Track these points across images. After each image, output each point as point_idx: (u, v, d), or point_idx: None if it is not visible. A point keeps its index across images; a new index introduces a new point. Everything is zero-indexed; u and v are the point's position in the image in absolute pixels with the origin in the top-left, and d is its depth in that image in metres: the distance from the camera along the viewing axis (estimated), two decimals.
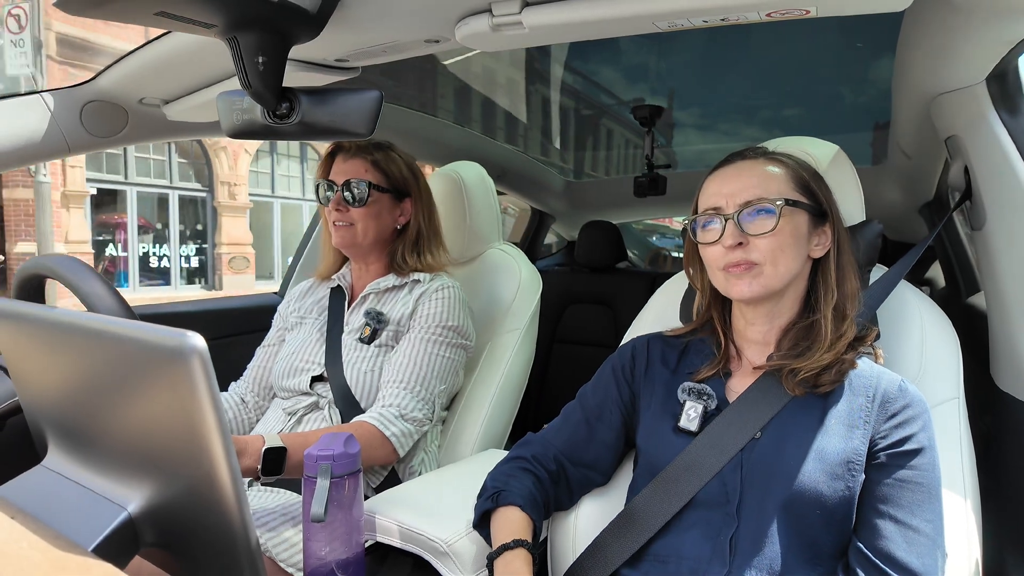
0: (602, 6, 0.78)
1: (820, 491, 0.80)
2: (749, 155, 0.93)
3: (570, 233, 3.35)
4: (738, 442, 0.86)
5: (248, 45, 0.79)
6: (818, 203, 0.90)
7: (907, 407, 0.84)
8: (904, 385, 0.87)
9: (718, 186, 0.91)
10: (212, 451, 0.52)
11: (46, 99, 1.27)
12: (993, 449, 1.09)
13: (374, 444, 1.13)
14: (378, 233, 1.32)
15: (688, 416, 0.90)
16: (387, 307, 1.31)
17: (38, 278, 1.09)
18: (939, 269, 2.33)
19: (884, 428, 0.83)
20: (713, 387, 0.92)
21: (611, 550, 0.89)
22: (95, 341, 0.60)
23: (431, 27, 0.93)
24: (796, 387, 0.86)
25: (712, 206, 0.90)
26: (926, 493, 0.80)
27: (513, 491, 0.93)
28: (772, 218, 0.86)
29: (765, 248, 0.86)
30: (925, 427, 0.84)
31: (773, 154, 0.93)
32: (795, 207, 0.87)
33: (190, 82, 1.24)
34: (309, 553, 0.82)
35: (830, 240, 0.90)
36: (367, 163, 1.30)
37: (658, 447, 0.91)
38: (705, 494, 0.85)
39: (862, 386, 0.86)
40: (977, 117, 1.03)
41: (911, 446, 0.82)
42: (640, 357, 1.01)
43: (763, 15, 0.78)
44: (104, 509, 0.59)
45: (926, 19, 0.96)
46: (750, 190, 0.87)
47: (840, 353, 0.86)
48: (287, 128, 0.91)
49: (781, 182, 0.89)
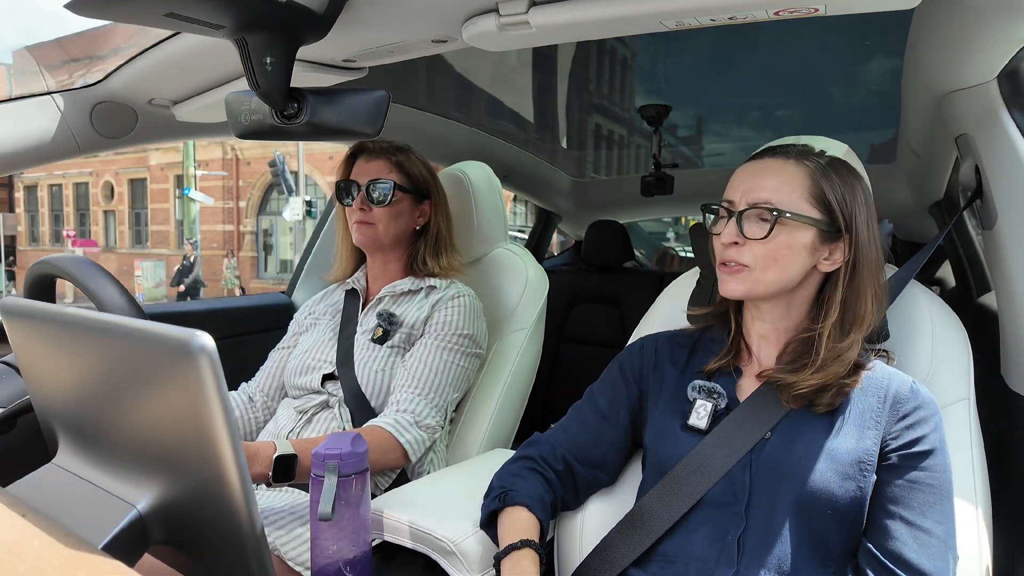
0: (609, 5, 0.78)
1: (831, 491, 0.80)
2: (780, 152, 0.90)
3: (577, 233, 3.34)
4: (748, 442, 0.85)
5: (256, 46, 0.80)
6: (833, 219, 0.86)
7: (918, 408, 0.83)
8: (916, 386, 0.86)
9: (740, 179, 0.89)
10: (220, 449, 0.52)
11: (57, 100, 1.28)
12: (1004, 450, 1.08)
13: (387, 449, 1.14)
14: (398, 233, 1.34)
15: (698, 414, 0.89)
16: (401, 310, 1.32)
17: (48, 277, 1.10)
18: (949, 269, 2.31)
19: (895, 429, 0.83)
20: (724, 385, 0.91)
21: (618, 550, 0.89)
22: (105, 340, 0.60)
23: (438, 27, 0.93)
24: (792, 401, 0.85)
25: (728, 198, 0.89)
26: (937, 495, 0.80)
27: (520, 491, 0.93)
28: (766, 226, 0.84)
29: (758, 253, 0.85)
30: (936, 428, 0.83)
31: (808, 154, 0.89)
32: (796, 220, 0.84)
33: (199, 83, 1.24)
34: (317, 551, 0.82)
35: (843, 256, 0.87)
36: (390, 164, 1.32)
37: (667, 445, 0.91)
38: (713, 494, 0.85)
39: (873, 387, 0.86)
40: (988, 115, 1.02)
41: (923, 447, 0.81)
42: (648, 356, 1.00)
43: (771, 13, 0.78)
44: (114, 507, 0.60)
45: (937, 17, 0.95)
46: (760, 191, 0.86)
47: (839, 376, 0.83)
48: (295, 128, 0.91)
49: (795, 190, 0.85)
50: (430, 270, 1.35)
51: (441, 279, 1.35)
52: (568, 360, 2.69)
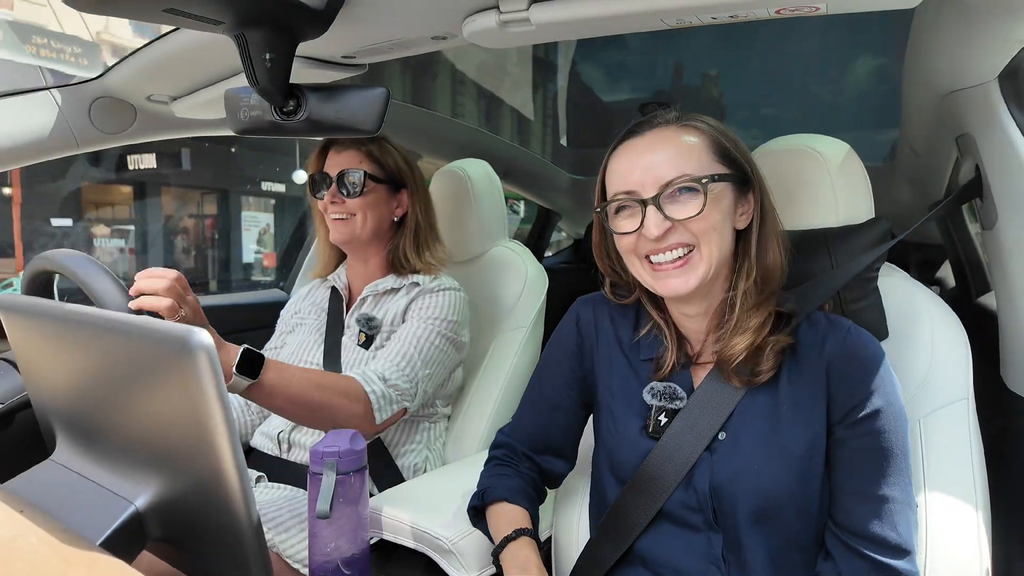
0: (610, 3, 0.78)
1: (794, 497, 0.77)
2: (659, 122, 0.82)
3: (576, 231, 3.34)
4: (701, 440, 0.81)
5: (255, 42, 0.80)
6: (741, 171, 0.81)
7: (856, 367, 0.78)
8: (850, 339, 0.80)
9: (630, 163, 0.80)
10: (218, 446, 0.52)
11: (55, 95, 1.28)
12: (1003, 450, 1.08)
13: (351, 395, 1.07)
14: (376, 225, 1.30)
15: (659, 423, 0.84)
16: (382, 310, 1.30)
17: (47, 274, 1.10)
18: (949, 269, 2.31)
19: (837, 396, 0.78)
20: (680, 381, 0.86)
21: (603, 549, 0.89)
22: (103, 337, 0.60)
23: (438, 24, 0.93)
24: (735, 379, 0.80)
25: (625, 189, 0.80)
26: (889, 456, 0.76)
27: (496, 487, 0.93)
28: (698, 197, 0.77)
29: (696, 230, 0.77)
30: (878, 383, 0.77)
31: (687, 118, 0.83)
32: (720, 181, 0.78)
33: (197, 79, 1.24)
34: (314, 549, 0.82)
35: (752, 208, 0.83)
36: (361, 154, 1.29)
37: (622, 446, 0.87)
38: (681, 499, 0.82)
39: (810, 355, 0.81)
40: (988, 115, 1.02)
41: (865, 411, 0.77)
42: (587, 328, 0.94)
43: (772, 12, 0.78)
44: (112, 503, 0.60)
45: (937, 17, 0.95)
46: (668, 166, 0.78)
47: (763, 334, 0.79)
48: (294, 125, 0.91)
49: (701, 153, 0.79)
50: (412, 267, 1.32)
51: (425, 275, 1.31)
52: None
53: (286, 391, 0.98)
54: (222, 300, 1.98)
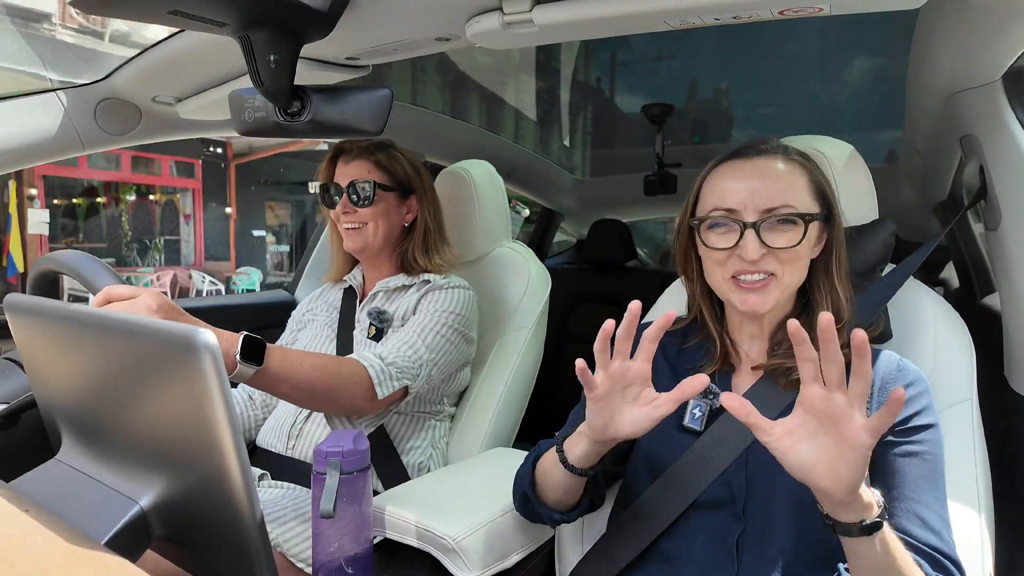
0: (613, 4, 0.78)
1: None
2: (766, 150, 0.86)
3: (579, 232, 3.34)
4: (744, 439, 0.84)
5: (260, 43, 0.80)
6: (830, 209, 0.87)
7: (910, 385, 0.82)
8: (903, 364, 0.84)
9: (735, 183, 0.84)
10: (223, 446, 0.52)
11: (61, 97, 1.28)
12: (1007, 452, 1.07)
13: (352, 376, 1.06)
14: (387, 232, 1.33)
15: (692, 415, 0.88)
16: (394, 305, 1.32)
17: (52, 274, 1.10)
18: (953, 270, 2.30)
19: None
20: (719, 382, 0.91)
21: (619, 547, 0.89)
22: (108, 336, 0.60)
23: (442, 25, 0.93)
24: (790, 386, 0.84)
25: (726, 207, 0.83)
26: (934, 469, 0.78)
27: (542, 447, 0.92)
28: (797, 231, 0.81)
29: (784, 259, 0.82)
30: (929, 405, 0.82)
31: (790, 151, 0.87)
32: (816, 220, 0.83)
33: (202, 80, 1.24)
34: (318, 548, 0.82)
35: (827, 239, 0.87)
36: (370, 163, 1.31)
37: (661, 444, 0.90)
38: (710, 494, 0.84)
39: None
40: (993, 116, 1.02)
41: (920, 421, 0.80)
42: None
43: (775, 12, 0.78)
44: (116, 503, 0.60)
45: (942, 17, 0.95)
46: (773, 195, 0.81)
47: None
48: (298, 126, 0.91)
49: (803, 189, 0.84)
50: (422, 268, 1.35)
51: (435, 274, 1.34)
52: (570, 359, 2.66)
53: (291, 377, 0.98)
54: (227, 301, 1.99)
